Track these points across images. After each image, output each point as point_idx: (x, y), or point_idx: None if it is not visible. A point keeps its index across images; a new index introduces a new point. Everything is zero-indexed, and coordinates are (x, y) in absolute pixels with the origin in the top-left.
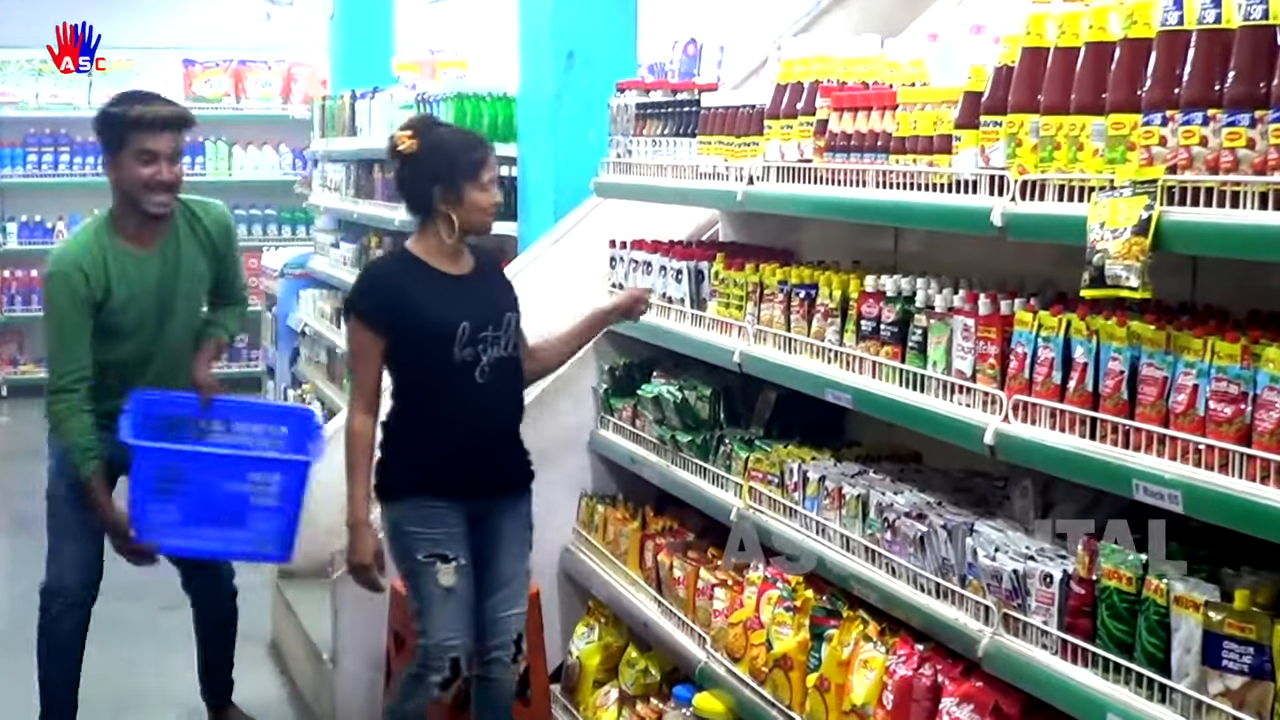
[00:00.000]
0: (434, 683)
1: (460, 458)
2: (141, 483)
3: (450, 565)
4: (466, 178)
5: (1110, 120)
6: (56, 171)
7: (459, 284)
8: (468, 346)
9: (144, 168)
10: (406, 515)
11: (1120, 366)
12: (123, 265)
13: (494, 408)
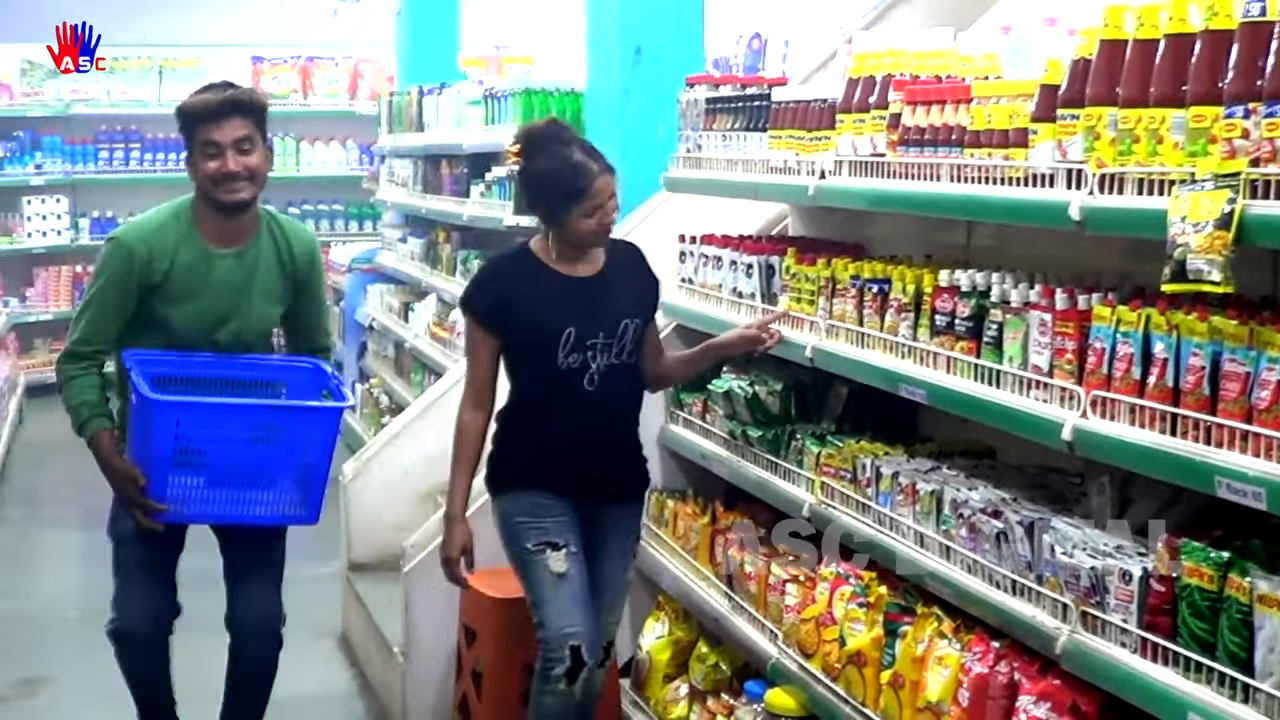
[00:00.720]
0: (557, 675)
1: (568, 458)
2: (161, 444)
3: (560, 552)
4: (563, 209)
5: (1191, 113)
6: (128, 168)
7: (576, 286)
8: (574, 353)
9: (209, 161)
10: (515, 506)
11: (1201, 362)
12: (192, 255)
13: (604, 415)
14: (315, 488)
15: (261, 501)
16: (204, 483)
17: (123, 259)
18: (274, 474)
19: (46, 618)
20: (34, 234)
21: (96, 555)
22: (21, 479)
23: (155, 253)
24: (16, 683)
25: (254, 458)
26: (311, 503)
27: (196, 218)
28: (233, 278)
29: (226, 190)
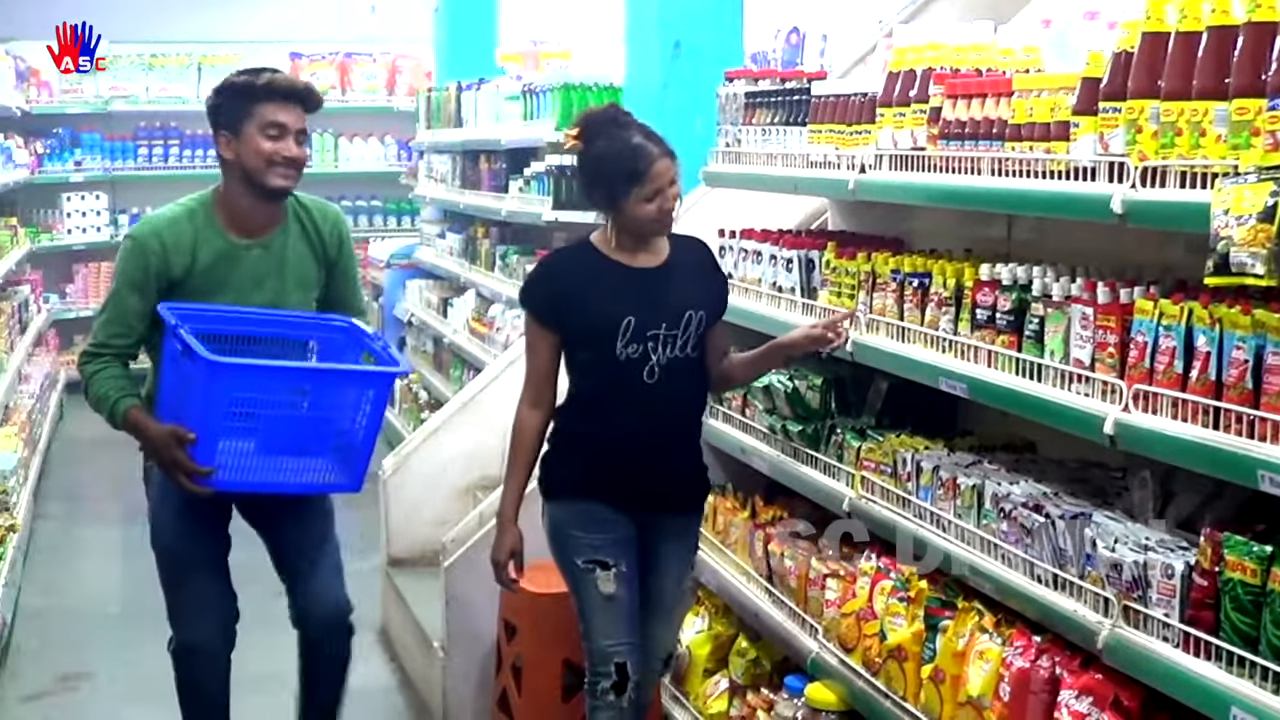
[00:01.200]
0: (604, 689)
1: (624, 461)
2: (215, 406)
3: (610, 573)
4: (622, 193)
5: (1234, 105)
6: (166, 164)
7: (639, 277)
8: (633, 343)
9: (270, 141)
10: (567, 517)
11: (1244, 355)
12: (213, 250)
13: (663, 411)
14: (362, 456)
15: (308, 469)
16: (254, 448)
17: (138, 258)
18: (323, 440)
19: (88, 613)
20: (74, 230)
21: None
22: (62, 474)
23: (172, 248)
24: (58, 678)
25: (305, 423)
26: (356, 471)
27: (219, 209)
28: (262, 268)
29: (281, 175)
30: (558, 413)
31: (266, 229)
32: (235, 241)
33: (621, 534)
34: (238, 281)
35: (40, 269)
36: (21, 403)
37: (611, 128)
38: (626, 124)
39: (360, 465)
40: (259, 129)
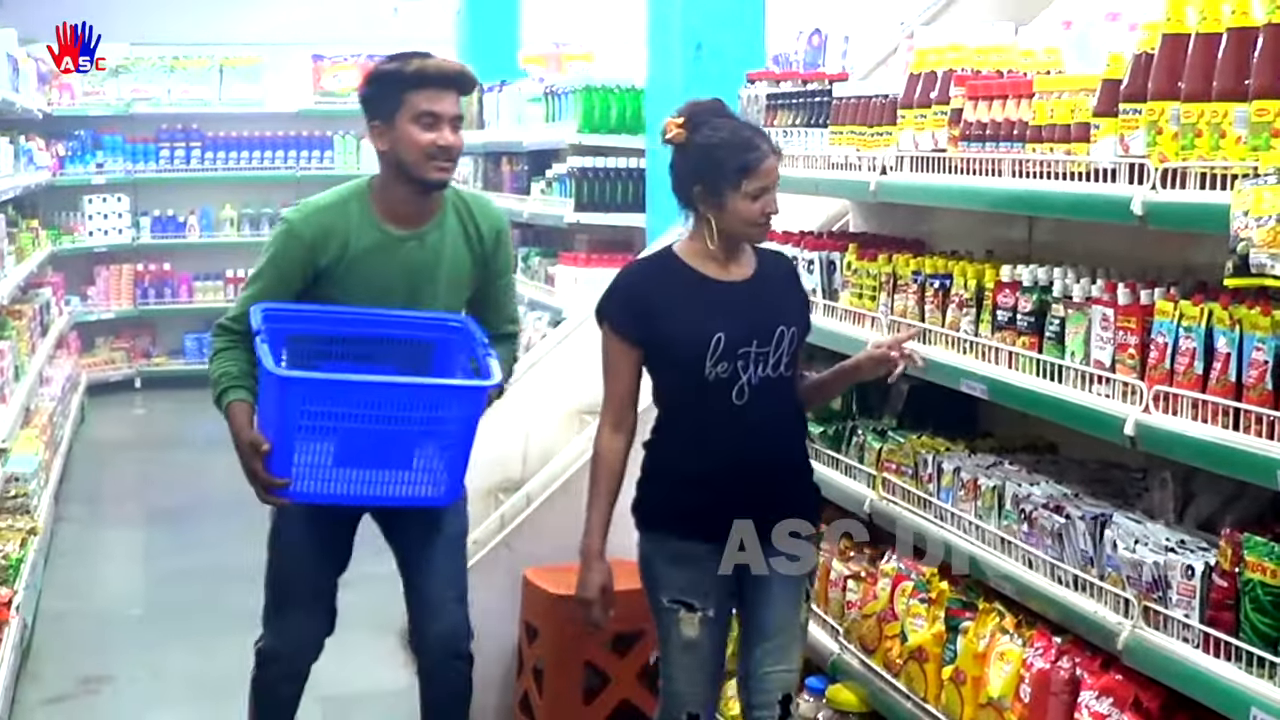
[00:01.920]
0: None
1: (715, 491)
2: (287, 418)
3: (695, 615)
4: (730, 183)
5: (1254, 107)
6: (188, 166)
7: (727, 291)
8: (722, 361)
9: (426, 132)
10: (657, 551)
11: (1265, 356)
12: (368, 240)
13: (757, 434)
14: (454, 467)
15: (394, 481)
16: (332, 460)
17: (287, 241)
18: (408, 452)
19: (109, 616)
20: (95, 233)
21: (159, 553)
22: (83, 477)
23: (325, 234)
24: (80, 680)
25: (387, 436)
26: (451, 482)
27: (376, 198)
28: (415, 261)
29: (439, 167)
30: (646, 445)
31: (423, 220)
32: (391, 232)
33: (712, 572)
34: (388, 274)
35: (62, 271)
36: (43, 405)
37: (719, 117)
38: (733, 115)
39: (451, 477)
40: (412, 119)
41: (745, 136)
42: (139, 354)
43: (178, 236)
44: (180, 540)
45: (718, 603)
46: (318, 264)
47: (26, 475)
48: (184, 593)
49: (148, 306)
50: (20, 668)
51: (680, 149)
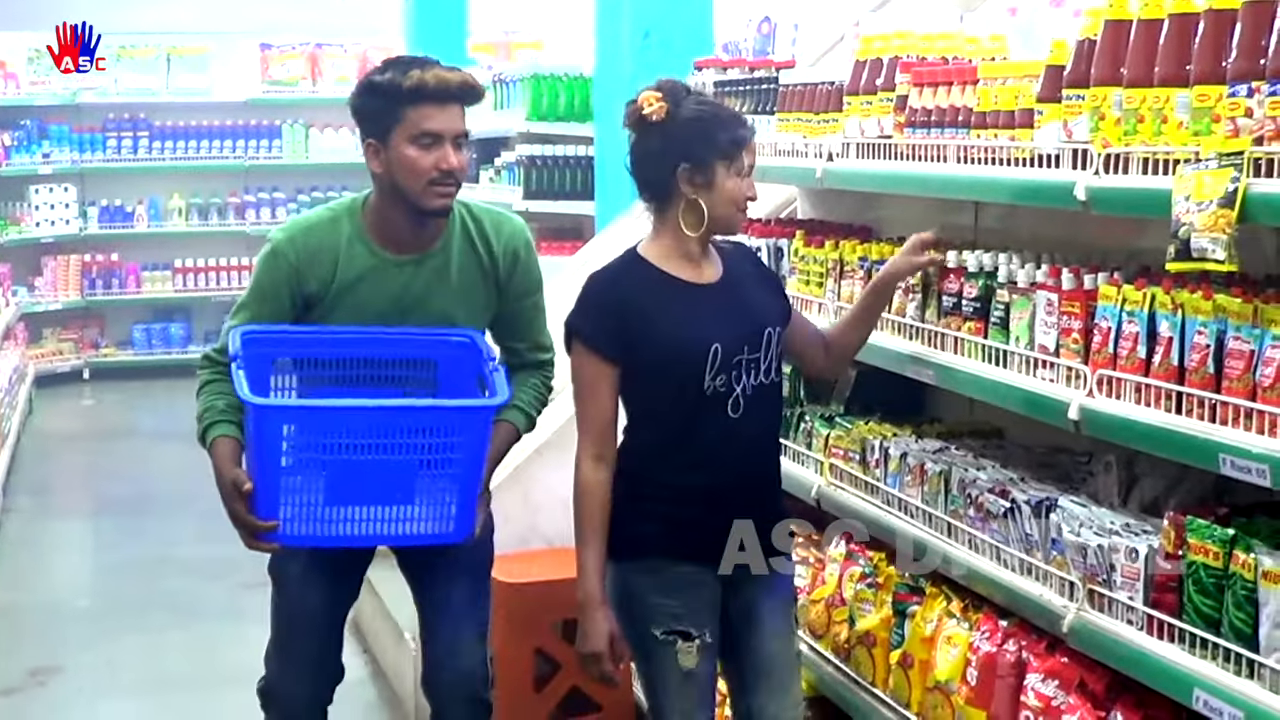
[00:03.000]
0: None
1: (708, 510)
2: (269, 454)
3: (693, 644)
4: (722, 158)
5: (1195, 92)
6: (136, 156)
7: (707, 295)
8: (720, 374)
9: (425, 153)
10: (642, 580)
11: (1206, 340)
12: (360, 265)
13: (749, 448)
14: (465, 499)
15: (395, 518)
16: (323, 499)
17: (272, 263)
18: (409, 485)
19: (57, 608)
20: (42, 223)
21: (107, 544)
22: (31, 469)
23: (312, 256)
24: (27, 672)
25: (383, 467)
26: (461, 517)
27: (370, 220)
28: (422, 290)
29: (440, 194)
30: (620, 458)
31: (424, 246)
32: (386, 257)
33: (707, 597)
34: (386, 301)
35: (8, 262)
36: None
37: (694, 94)
38: (698, 92)
39: (461, 511)
40: (409, 139)
41: (733, 112)
42: (87, 345)
43: (125, 226)
44: (128, 531)
45: (712, 628)
46: (306, 289)
47: None
48: (132, 584)
49: (95, 297)
50: None
51: (659, 127)
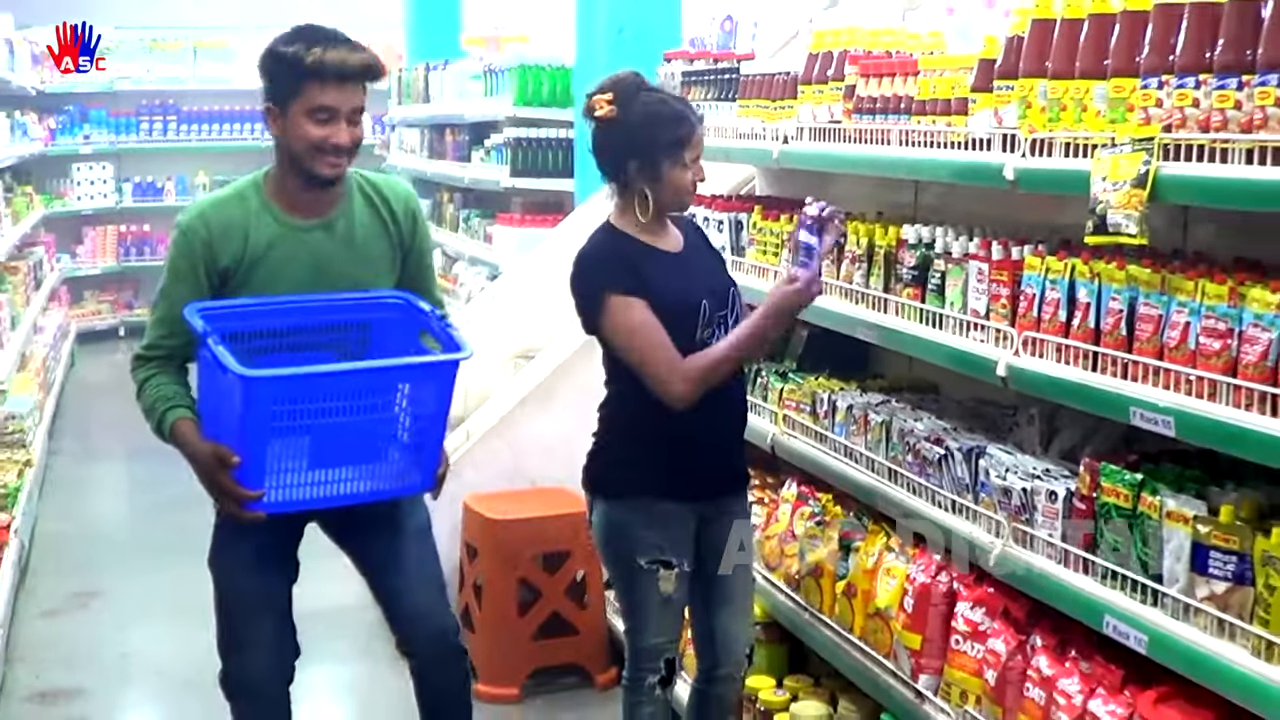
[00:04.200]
0: (651, 684)
1: (694, 453)
2: (257, 424)
3: (673, 571)
4: (666, 154)
5: (1111, 84)
6: (165, 137)
7: (681, 260)
8: (708, 327)
9: (317, 127)
10: (634, 516)
11: (1120, 306)
12: (269, 233)
13: (728, 395)
14: (429, 450)
15: (371, 475)
16: (306, 463)
17: (183, 246)
18: (384, 443)
19: (96, 538)
20: (83, 197)
21: (140, 484)
22: (73, 415)
23: (219, 233)
24: (71, 595)
25: (362, 427)
26: (425, 467)
27: (272, 190)
28: (325, 252)
29: (329, 164)
30: (618, 415)
31: (326, 209)
32: (292, 223)
33: (686, 530)
34: (299, 267)
35: (53, 232)
36: (37, 351)
37: (645, 92)
38: (657, 89)
39: (431, 463)
40: (305, 112)
41: (677, 110)
42: (122, 306)
43: (156, 200)
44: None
45: (689, 558)
46: (219, 264)
47: (23, 414)
48: (163, 518)
49: (130, 263)
50: (19, 584)
51: (610, 125)
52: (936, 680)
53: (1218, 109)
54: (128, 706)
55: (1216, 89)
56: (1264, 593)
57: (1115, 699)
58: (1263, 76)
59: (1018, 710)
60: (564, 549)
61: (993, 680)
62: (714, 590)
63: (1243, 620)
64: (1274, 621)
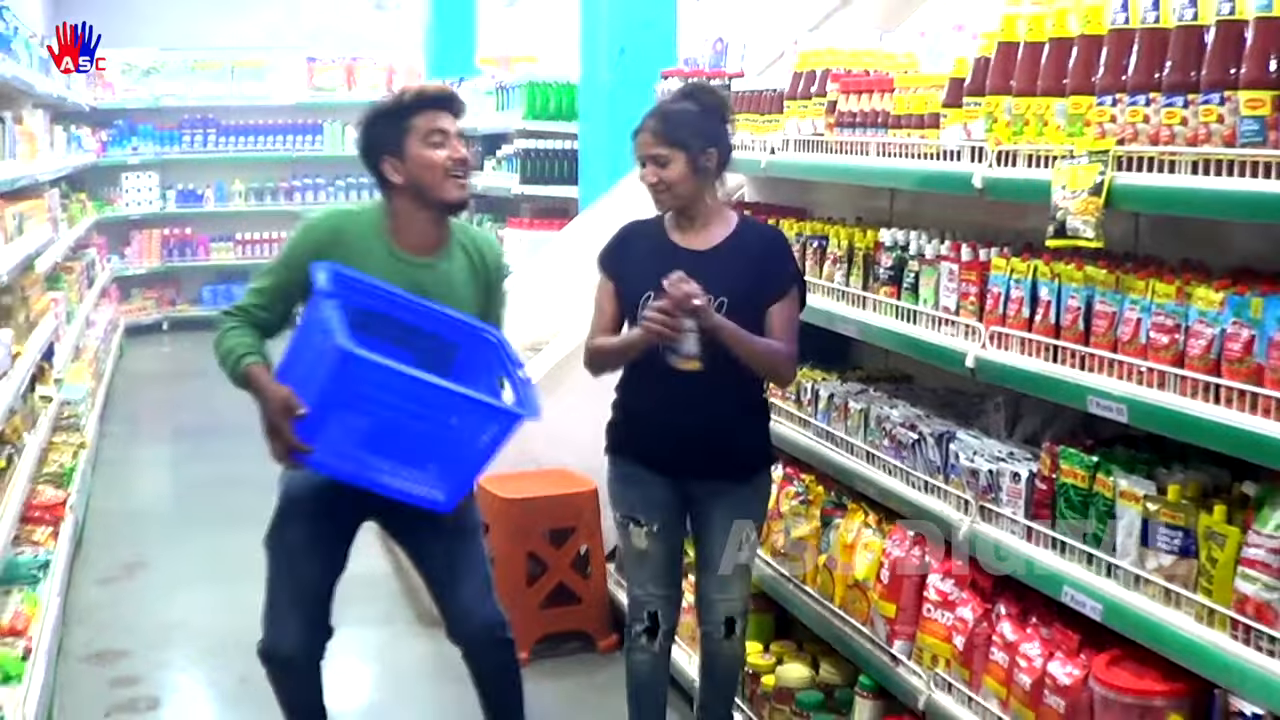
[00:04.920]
0: (637, 632)
1: (654, 429)
2: (336, 392)
3: (641, 530)
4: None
5: (1070, 102)
6: (206, 149)
7: (681, 256)
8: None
9: (436, 150)
10: (612, 473)
11: (1077, 303)
12: (378, 259)
13: (685, 387)
14: (465, 481)
15: (405, 477)
16: (358, 442)
17: (304, 239)
18: (430, 454)
19: (144, 513)
20: (131, 204)
21: (184, 462)
22: (122, 402)
23: (335, 234)
24: (122, 565)
25: (419, 434)
26: (453, 493)
27: (390, 225)
28: (424, 285)
29: (458, 183)
30: (619, 376)
31: (433, 249)
32: (401, 255)
33: (656, 495)
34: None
35: (104, 235)
36: (89, 344)
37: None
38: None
39: (460, 489)
40: (422, 139)
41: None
42: (166, 302)
43: (197, 206)
44: (200, 453)
45: (663, 521)
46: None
47: (77, 400)
48: (204, 495)
49: (173, 264)
50: (75, 554)
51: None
52: (910, 645)
53: (1166, 125)
54: (172, 666)
55: (1165, 106)
56: (1206, 564)
57: (1072, 661)
58: (1206, 96)
59: (983, 672)
60: (569, 525)
61: (961, 645)
62: (700, 560)
63: (1187, 590)
64: (1215, 591)
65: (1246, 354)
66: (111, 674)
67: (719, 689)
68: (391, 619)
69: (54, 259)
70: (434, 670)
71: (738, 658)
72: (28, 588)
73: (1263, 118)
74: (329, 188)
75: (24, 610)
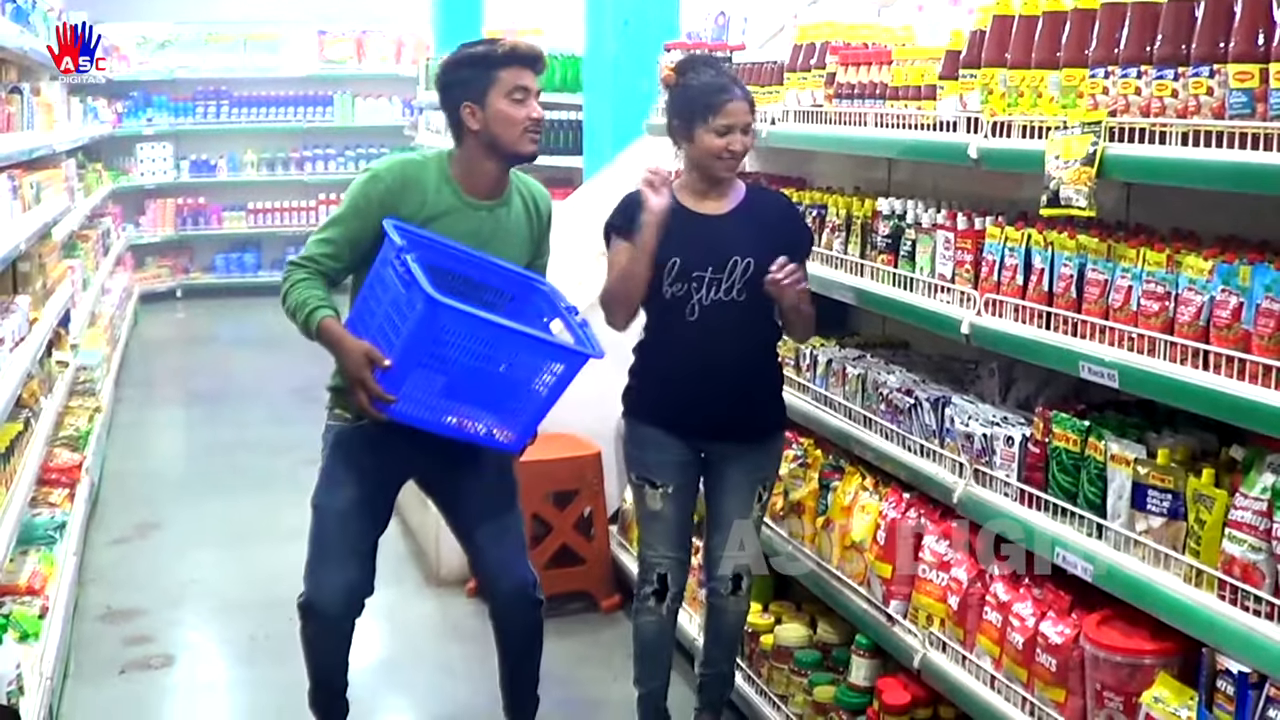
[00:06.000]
0: (645, 594)
1: (672, 390)
2: (421, 342)
3: (656, 491)
4: (700, 119)
5: (1064, 74)
6: (219, 120)
7: (696, 220)
8: (678, 282)
9: (517, 107)
10: (629, 434)
11: (1070, 271)
12: (446, 202)
13: (706, 350)
14: (533, 423)
15: (481, 421)
16: (439, 390)
17: (370, 187)
18: (506, 399)
19: (158, 476)
20: (145, 174)
21: (196, 427)
22: (137, 367)
23: (407, 186)
24: (136, 526)
25: (499, 381)
26: (523, 435)
27: (456, 170)
28: (486, 230)
29: (531, 139)
30: (638, 340)
31: (496, 194)
32: (467, 200)
33: (672, 457)
34: (463, 236)
35: (120, 204)
36: (105, 310)
37: (702, 66)
38: (715, 65)
39: (529, 432)
40: (505, 94)
41: (717, 83)
42: (180, 270)
43: (210, 176)
44: (213, 417)
45: (677, 483)
46: (397, 212)
47: (93, 365)
48: (216, 458)
49: (186, 232)
50: (90, 516)
51: (669, 90)
52: (905, 605)
53: (1157, 97)
54: (184, 624)
55: (1156, 79)
56: (1194, 526)
57: (1063, 621)
58: (1196, 69)
59: (977, 631)
60: (573, 488)
61: (955, 605)
62: (711, 518)
63: (1176, 551)
64: (1203, 552)
65: (1235, 321)
66: (126, 632)
67: (723, 645)
68: (400, 579)
69: (70, 227)
70: (441, 630)
71: (743, 614)
72: (44, 548)
73: (1251, 90)
74: (339, 158)
75: (41, 570)
